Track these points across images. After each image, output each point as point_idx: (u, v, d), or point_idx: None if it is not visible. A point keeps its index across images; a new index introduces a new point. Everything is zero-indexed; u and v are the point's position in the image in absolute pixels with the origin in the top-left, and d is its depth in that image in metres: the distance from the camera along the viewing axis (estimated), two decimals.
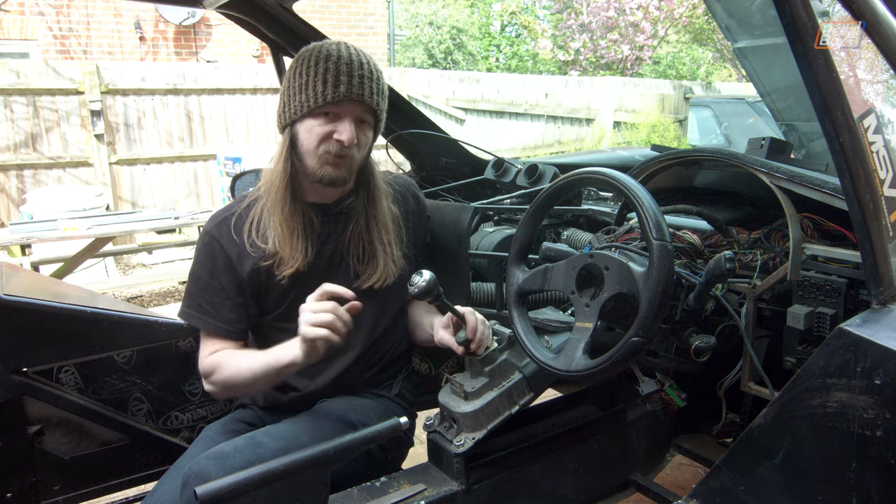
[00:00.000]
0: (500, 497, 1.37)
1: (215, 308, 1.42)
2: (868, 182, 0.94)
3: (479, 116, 9.65)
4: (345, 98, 1.33)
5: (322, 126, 1.35)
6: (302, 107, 1.34)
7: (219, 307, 1.42)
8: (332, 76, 1.33)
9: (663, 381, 1.49)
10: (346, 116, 1.36)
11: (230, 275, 1.42)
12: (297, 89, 1.35)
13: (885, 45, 0.98)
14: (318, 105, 1.33)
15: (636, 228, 1.56)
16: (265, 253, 1.40)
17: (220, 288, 1.42)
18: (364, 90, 1.35)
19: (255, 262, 1.41)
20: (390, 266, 1.48)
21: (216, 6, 1.82)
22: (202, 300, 1.43)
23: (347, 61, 1.34)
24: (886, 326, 0.93)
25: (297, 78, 1.36)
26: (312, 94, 1.33)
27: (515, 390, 1.33)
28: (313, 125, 1.36)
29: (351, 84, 1.33)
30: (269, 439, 1.25)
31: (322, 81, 1.33)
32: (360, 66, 1.35)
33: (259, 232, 1.41)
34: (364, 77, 1.35)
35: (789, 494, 1.02)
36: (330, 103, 1.33)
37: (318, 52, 1.35)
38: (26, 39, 7.99)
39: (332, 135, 1.35)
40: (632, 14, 13.73)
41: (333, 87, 1.33)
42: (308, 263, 1.41)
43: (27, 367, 1.46)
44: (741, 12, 4.00)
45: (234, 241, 1.41)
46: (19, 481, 1.47)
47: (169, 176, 7.35)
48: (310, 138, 1.37)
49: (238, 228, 1.42)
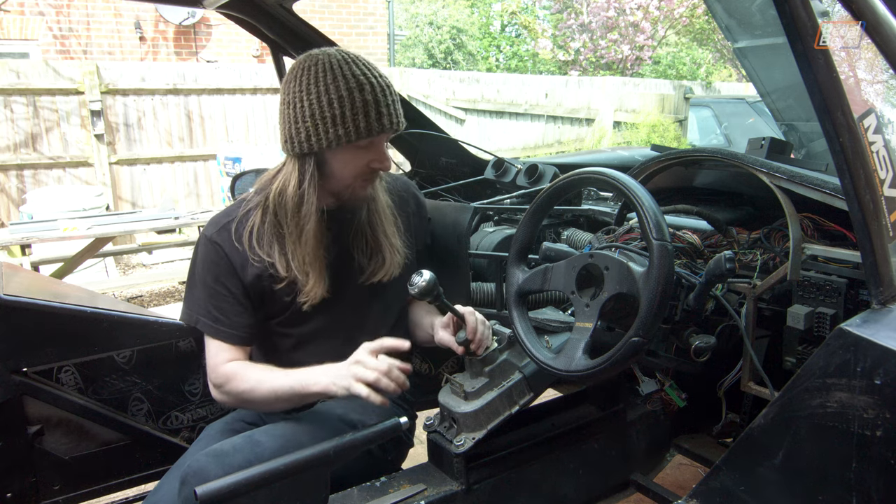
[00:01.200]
0: (500, 497, 1.37)
1: (225, 314, 1.40)
2: (868, 182, 0.94)
3: (479, 116, 9.65)
4: (386, 131, 1.33)
5: (360, 158, 1.34)
6: (339, 140, 1.30)
7: (228, 313, 1.40)
8: (374, 110, 1.30)
9: (663, 381, 1.49)
10: (381, 145, 1.37)
11: (235, 279, 1.39)
12: (330, 121, 1.29)
13: (885, 45, 0.98)
14: (359, 139, 1.31)
15: (636, 228, 1.56)
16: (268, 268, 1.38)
17: (228, 293, 1.40)
18: (399, 119, 1.35)
19: (258, 270, 1.39)
20: (395, 257, 1.48)
21: (216, 6, 1.82)
22: (210, 306, 1.40)
23: (381, 91, 1.31)
24: (886, 326, 0.93)
25: (326, 108, 1.28)
26: (354, 129, 1.29)
27: (515, 390, 1.33)
28: (350, 157, 1.34)
29: (390, 116, 1.33)
30: (268, 438, 1.25)
31: (364, 116, 1.29)
32: (389, 92, 1.34)
33: (261, 244, 1.38)
34: (394, 104, 1.34)
35: (789, 494, 1.02)
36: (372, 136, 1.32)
37: (344, 77, 1.29)
38: (26, 39, 7.99)
39: (370, 164, 1.36)
40: (632, 14, 13.73)
41: (378, 122, 1.30)
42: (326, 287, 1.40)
43: (27, 367, 1.46)
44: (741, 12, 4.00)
45: (235, 248, 1.39)
46: (19, 481, 1.47)
47: (169, 176, 7.35)
48: (345, 169, 1.35)
49: (238, 235, 1.39)
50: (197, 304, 1.42)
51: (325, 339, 1.47)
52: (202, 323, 1.41)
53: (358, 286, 1.47)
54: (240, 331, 1.41)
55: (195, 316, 1.42)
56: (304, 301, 1.38)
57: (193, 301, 1.43)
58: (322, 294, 1.38)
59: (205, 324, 1.41)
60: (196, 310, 1.42)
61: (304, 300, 1.38)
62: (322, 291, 1.38)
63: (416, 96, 8.90)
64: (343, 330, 1.47)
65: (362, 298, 1.49)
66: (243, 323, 1.41)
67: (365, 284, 1.47)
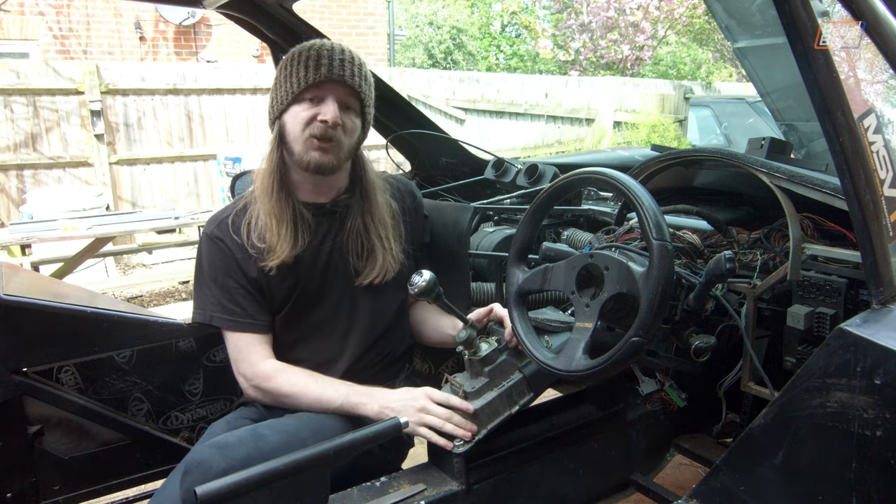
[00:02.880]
0: (500, 497, 1.37)
1: (240, 306, 1.41)
2: (868, 182, 0.94)
3: (479, 116, 9.65)
4: (326, 79, 1.36)
5: (306, 111, 1.37)
6: (287, 95, 1.37)
7: (243, 304, 1.41)
8: (314, 60, 1.36)
9: (663, 381, 1.48)
10: (328, 97, 1.37)
11: (241, 272, 1.41)
12: (281, 81, 1.39)
13: (885, 45, 0.98)
14: (300, 89, 1.36)
15: (636, 228, 1.56)
16: (263, 250, 1.40)
17: (238, 285, 1.41)
18: (345, 71, 1.37)
19: (256, 261, 1.41)
20: (389, 261, 1.48)
21: (216, 6, 1.82)
22: (224, 300, 1.41)
23: (328, 48, 1.38)
24: (886, 326, 0.93)
25: (282, 72, 1.40)
26: (295, 80, 1.36)
27: (515, 390, 1.33)
28: (298, 111, 1.38)
29: (332, 66, 1.36)
30: (272, 433, 1.24)
31: (304, 67, 1.36)
32: (342, 52, 1.39)
33: (256, 232, 1.41)
34: (345, 61, 1.38)
35: (789, 494, 1.02)
36: (312, 86, 1.36)
37: (301, 46, 1.40)
38: (26, 39, 7.99)
39: (317, 117, 1.37)
40: (632, 14, 13.73)
41: (315, 70, 1.35)
42: (296, 256, 1.41)
43: (27, 367, 1.46)
44: (741, 12, 4.00)
45: (236, 242, 1.41)
46: (19, 481, 1.47)
47: (169, 176, 7.35)
48: (295, 124, 1.38)
49: (237, 228, 1.42)
50: (209, 302, 1.42)
51: (324, 335, 1.49)
52: (217, 318, 1.42)
53: (354, 287, 1.48)
54: (259, 318, 1.42)
55: (209, 313, 1.42)
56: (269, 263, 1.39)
57: (205, 299, 1.43)
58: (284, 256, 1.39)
59: (221, 319, 1.41)
60: (209, 307, 1.42)
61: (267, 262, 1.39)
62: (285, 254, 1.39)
63: (416, 96, 8.89)
64: (341, 324, 1.49)
65: (358, 298, 1.50)
66: (259, 311, 1.42)
67: (361, 286, 1.48)
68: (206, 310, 1.43)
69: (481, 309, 1.47)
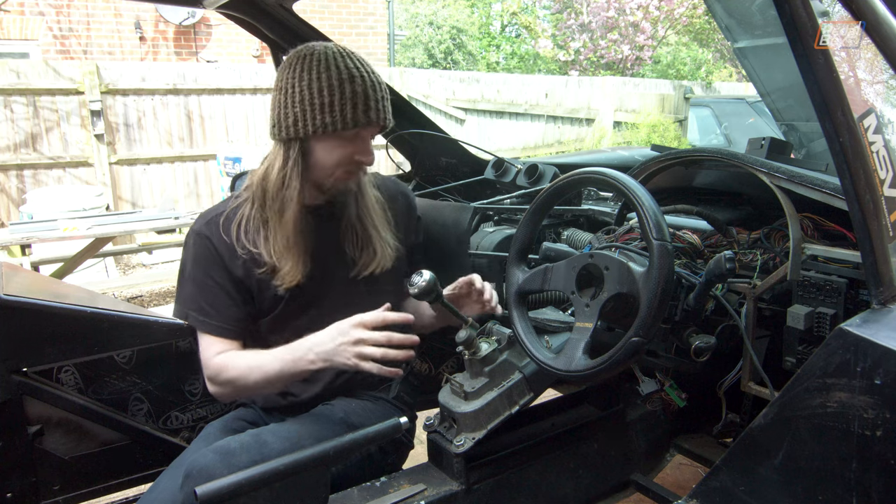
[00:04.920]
0: (500, 497, 1.37)
1: (215, 308, 1.41)
2: (868, 182, 0.94)
3: (479, 116, 9.65)
4: (373, 124, 1.35)
5: (345, 148, 1.36)
6: (325, 127, 1.31)
7: (219, 307, 1.41)
8: (362, 102, 1.31)
9: (663, 381, 1.48)
10: (367, 138, 1.38)
11: (224, 272, 1.41)
12: (318, 108, 1.30)
13: (885, 45, 0.98)
14: (345, 129, 1.32)
15: (636, 228, 1.56)
16: (255, 258, 1.39)
17: (218, 285, 1.41)
18: (387, 115, 1.37)
19: (246, 265, 1.40)
20: (386, 250, 1.49)
21: (216, 6, 1.82)
22: (201, 301, 1.41)
23: (371, 85, 1.33)
24: (886, 326, 0.93)
25: (316, 95, 1.30)
26: (340, 118, 1.31)
27: (515, 390, 1.33)
28: (335, 146, 1.35)
29: (378, 111, 1.34)
30: (275, 439, 1.25)
31: (352, 107, 1.31)
32: (380, 87, 1.35)
33: (248, 235, 1.40)
34: (384, 100, 1.36)
35: (789, 494, 1.02)
36: (358, 127, 1.34)
37: (336, 68, 1.31)
38: (26, 39, 7.99)
39: (354, 156, 1.37)
40: (632, 14, 13.73)
41: (364, 114, 1.32)
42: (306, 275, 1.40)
43: (27, 367, 1.46)
44: (741, 12, 4.00)
45: (223, 241, 1.40)
46: (19, 481, 1.47)
47: (169, 176, 7.35)
48: (329, 158, 1.36)
49: (226, 228, 1.41)
50: (187, 300, 1.44)
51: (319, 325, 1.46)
52: (192, 318, 1.42)
53: (350, 280, 1.48)
54: (229, 324, 1.42)
55: (185, 311, 1.44)
56: (280, 284, 1.39)
57: (184, 296, 1.45)
58: (298, 279, 1.38)
59: (195, 318, 1.42)
60: (187, 305, 1.44)
61: (279, 283, 1.39)
62: (299, 276, 1.38)
63: (416, 96, 8.89)
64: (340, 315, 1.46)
65: (355, 291, 1.50)
66: (233, 316, 1.42)
67: (358, 278, 1.48)
68: (183, 307, 1.44)
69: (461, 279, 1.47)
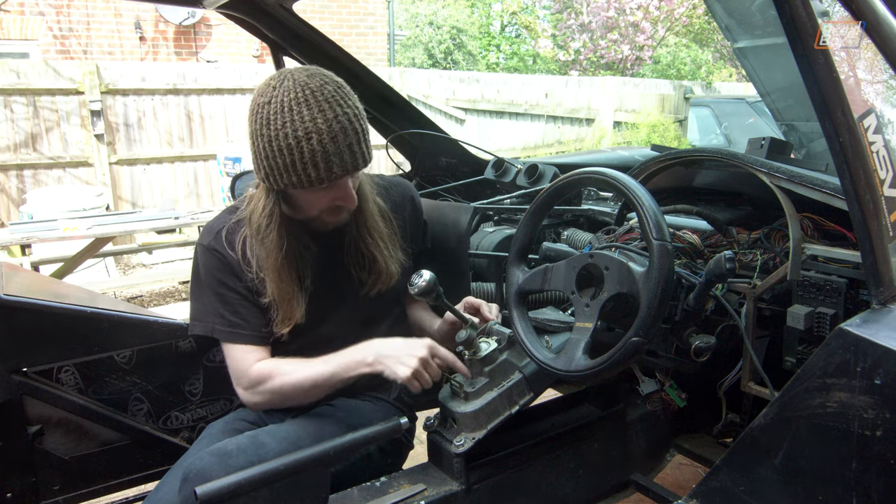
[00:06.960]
0: (500, 497, 1.37)
1: (242, 317, 1.38)
2: (868, 182, 0.94)
3: (479, 116, 9.65)
4: (341, 176, 1.25)
5: (321, 197, 1.30)
6: (294, 185, 1.25)
7: (245, 315, 1.38)
8: (323, 161, 1.21)
9: (663, 381, 1.48)
10: (344, 185, 1.30)
11: (240, 282, 1.38)
12: (282, 167, 1.22)
13: (885, 45, 0.98)
14: (311, 187, 1.25)
15: (636, 228, 1.56)
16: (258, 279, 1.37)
17: (239, 294, 1.38)
18: (358, 160, 1.25)
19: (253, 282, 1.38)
20: (392, 267, 1.46)
21: (216, 6, 1.82)
22: (225, 311, 1.37)
23: (332, 137, 1.20)
24: (886, 326, 0.93)
25: (277, 155, 1.21)
26: (305, 178, 1.22)
27: (515, 390, 1.33)
28: (310, 196, 1.30)
29: (344, 162, 1.23)
30: (272, 440, 1.24)
31: (313, 166, 1.21)
32: (345, 132, 1.22)
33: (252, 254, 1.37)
34: (353, 145, 1.23)
35: (789, 494, 1.02)
36: (326, 183, 1.26)
37: (293, 123, 1.19)
38: (26, 39, 7.99)
39: (334, 202, 1.32)
40: (632, 14, 13.73)
41: (327, 172, 1.22)
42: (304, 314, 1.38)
43: (27, 367, 1.46)
44: (741, 12, 4.00)
45: (231, 254, 1.38)
46: (19, 481, 1.47)
47: (169, 176, 7.35)
48: (308, 205, 1.33)
49: (231, 242, 1.38)
50: (209, 313, 1.38)
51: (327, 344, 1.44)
52: (219, 331, 1.38)
53: (359, 298, 1.46)
54: (259, 331, 1.39)
55: (210, 325, 1.38)
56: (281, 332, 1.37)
57: (204, 310, 1.39)
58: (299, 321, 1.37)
59: (222, 331, 1.38)
60: (209, 318, 1.38)
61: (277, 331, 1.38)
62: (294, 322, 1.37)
63: (416, 96, 8.89)
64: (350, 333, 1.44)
65: (364, 307, 1.48)
66: (261, 322, 1.39)
67: (367, 296, 1.46)
68: (206, 322, 1.39)
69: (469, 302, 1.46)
